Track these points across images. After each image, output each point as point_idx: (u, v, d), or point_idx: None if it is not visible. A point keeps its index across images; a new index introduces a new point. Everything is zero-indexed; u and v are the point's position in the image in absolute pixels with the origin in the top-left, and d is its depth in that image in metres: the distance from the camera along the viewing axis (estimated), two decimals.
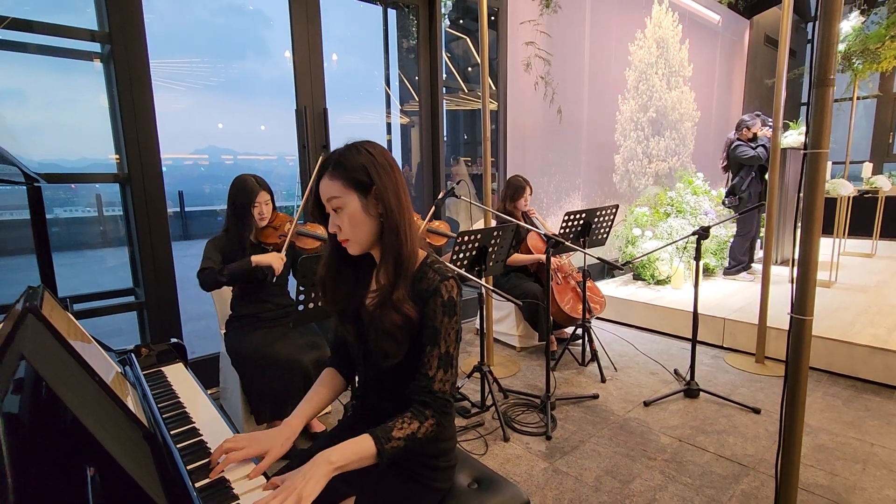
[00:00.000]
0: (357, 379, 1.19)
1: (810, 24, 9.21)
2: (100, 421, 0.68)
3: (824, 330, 2.97)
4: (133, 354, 1.35)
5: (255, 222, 2.14)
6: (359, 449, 0.90)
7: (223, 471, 0.90)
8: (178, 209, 9.94)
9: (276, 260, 2.06)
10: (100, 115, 2.47)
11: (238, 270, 2.04)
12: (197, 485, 0.84)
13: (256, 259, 2.04)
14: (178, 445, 0.95)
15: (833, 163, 5.70)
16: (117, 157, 2.47)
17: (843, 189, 4.31)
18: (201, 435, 1.02)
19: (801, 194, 1.37)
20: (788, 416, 1.44)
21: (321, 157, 1.01)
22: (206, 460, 0.92)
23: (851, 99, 6.38)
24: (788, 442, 1.46)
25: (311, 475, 0.85)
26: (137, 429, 0.82)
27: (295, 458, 1.12)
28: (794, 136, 4.99)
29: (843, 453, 2.10)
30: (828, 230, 3.86)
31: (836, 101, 6.87)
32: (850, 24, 5.80)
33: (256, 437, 0.98)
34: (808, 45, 9.38)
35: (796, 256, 1.42)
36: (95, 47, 2.39)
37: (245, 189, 2.10)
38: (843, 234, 4.64)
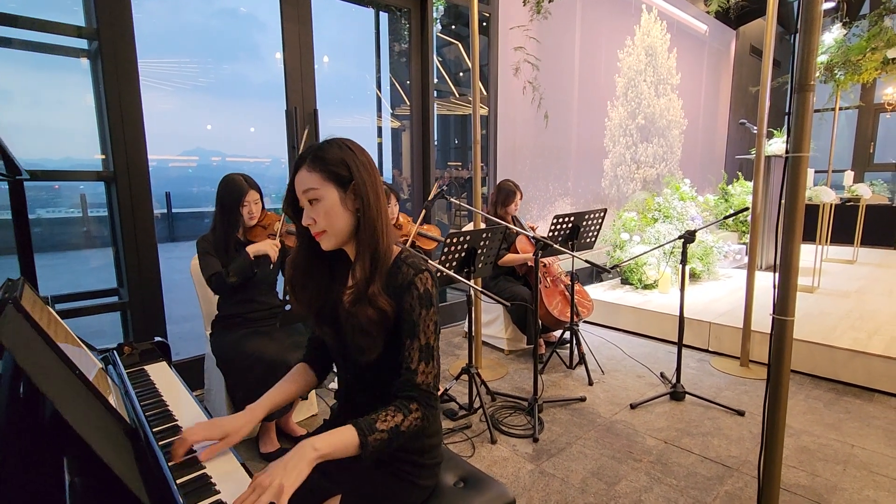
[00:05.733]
0: (338, 380, 1.18)
1: (795, 36, 9.43)
2: (81, 415, 0.67)
3: (807, 334, 3.02)
4: (116, 353, 1.33)
5: (244, 221, 2.13)
6: (343, 438, 0.89)
7: (204, 466, 0.90)
8: (166, 210, 9.83)
9: (270, 247, 2.06)
10: (86, 114, 2.44)
11: (241, 267, 2.03)
12: (179, 481, 0.83)
13: (252, 249, 2.03)
14: (160, 443, 0.94)
15: (815, 171, 5.82)
16: (103, 155, 2.44)
17: (825, 196, 4.39)
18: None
19: (783, 198, 1.40)
20: (771, 415, 1.46)
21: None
22: (189, 456, 0.91)
23: (833, 109, 6.52)
24: (771, 441, 1.48)
25: (294, 465, 0.83)
26: (119, 425, 0.81)
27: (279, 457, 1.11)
28: (777, 145, 5.08)
29: (825, 454, 2.13)
30: (810, 237, 3.94)
31: (818, 111, 7.03)
32: (832, 36, 5.94)
33: (215, 422, 0.99)
34: (792, 56, 9.59)
35: (777, 259, 1.44)
36: (83, 44, 2.36)
37: (234, 188, 2.09)
38: (826, 240, 4.73)
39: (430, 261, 1.12)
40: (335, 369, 1.20)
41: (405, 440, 0.95)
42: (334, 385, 2.65)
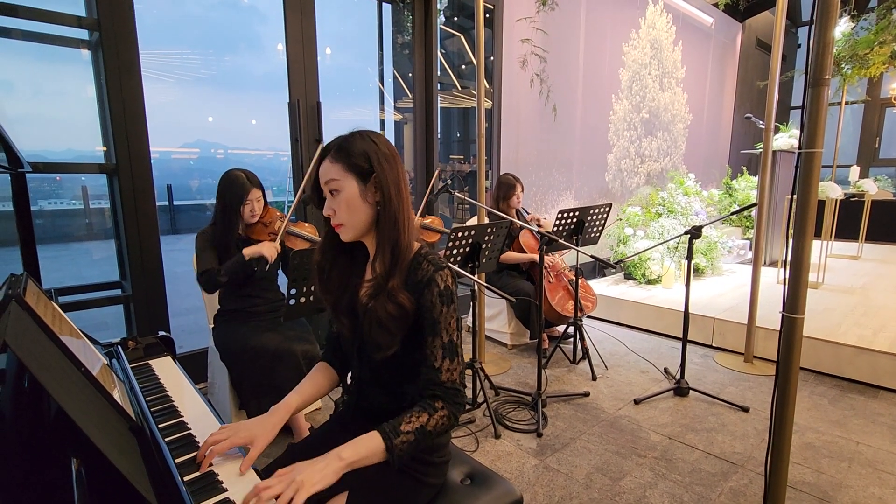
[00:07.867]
0: (351, 374, 1.17)
1: (801, 29, 9.33)
2: (86, 412, 0.66)
3: (811, 330, 3.01)
4: (120, 347, 1.32)
5: (245, 219, 2.10)
6: (369, 445, 0.88)
7: (211, 464, 0.88)
8: (167, 203, 9.82)
9: (267, 249, 2.02)
10: (87, 105, 2.42)
11: (234, 267, 2.00)
12: (186, 478, 0.82)
13: (248, 252, 2.01)
14: (166, 439, 0.93)
15: (821, 166, 5.77)
16: (105, 147, 2.43)
17: (831, 192, 4.36)
18: (190, 428, 0.99)
19: (795, 194, 1.38)
20: (779, 412, 1.45)
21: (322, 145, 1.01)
22: (195, 453, 0.90)
23: (840, 104, 6.46)
24: (778, 439, 1.47)
25: (320, 469, 0.83)
26: (124, 421, 0.80)
27: (289, 452, 1.10)
28: (783, 139, 5.04)
29: (830, 451, 2.13)
30: (815, 232, 3.91)
31: None
32: (839, 29, 5.87)
33: (240, 425, 0.96)
34: (798, 50, 9.50)
35: (788, 257, 1.43)
36: (83, 34, 2.34)
37: (236, 186, 2.05)
38: (831, 236, 4.70)
39: None
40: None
41: (433, 439, 0.94)
42: None
